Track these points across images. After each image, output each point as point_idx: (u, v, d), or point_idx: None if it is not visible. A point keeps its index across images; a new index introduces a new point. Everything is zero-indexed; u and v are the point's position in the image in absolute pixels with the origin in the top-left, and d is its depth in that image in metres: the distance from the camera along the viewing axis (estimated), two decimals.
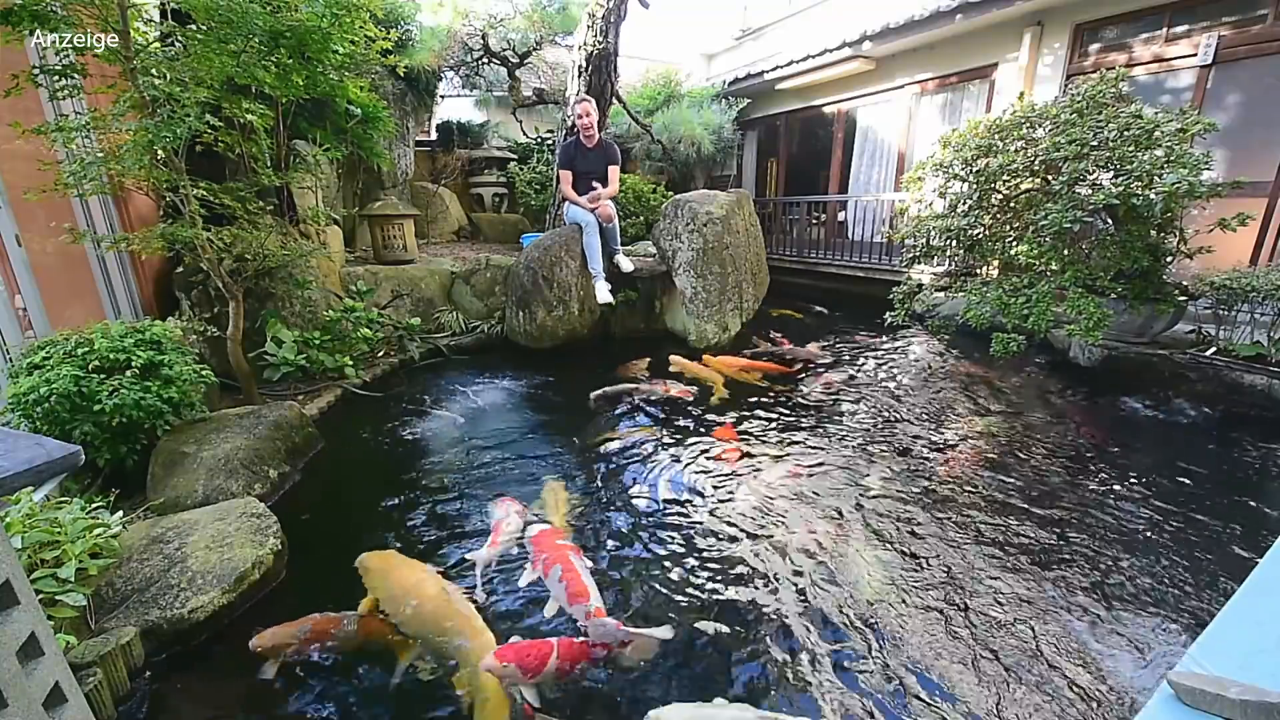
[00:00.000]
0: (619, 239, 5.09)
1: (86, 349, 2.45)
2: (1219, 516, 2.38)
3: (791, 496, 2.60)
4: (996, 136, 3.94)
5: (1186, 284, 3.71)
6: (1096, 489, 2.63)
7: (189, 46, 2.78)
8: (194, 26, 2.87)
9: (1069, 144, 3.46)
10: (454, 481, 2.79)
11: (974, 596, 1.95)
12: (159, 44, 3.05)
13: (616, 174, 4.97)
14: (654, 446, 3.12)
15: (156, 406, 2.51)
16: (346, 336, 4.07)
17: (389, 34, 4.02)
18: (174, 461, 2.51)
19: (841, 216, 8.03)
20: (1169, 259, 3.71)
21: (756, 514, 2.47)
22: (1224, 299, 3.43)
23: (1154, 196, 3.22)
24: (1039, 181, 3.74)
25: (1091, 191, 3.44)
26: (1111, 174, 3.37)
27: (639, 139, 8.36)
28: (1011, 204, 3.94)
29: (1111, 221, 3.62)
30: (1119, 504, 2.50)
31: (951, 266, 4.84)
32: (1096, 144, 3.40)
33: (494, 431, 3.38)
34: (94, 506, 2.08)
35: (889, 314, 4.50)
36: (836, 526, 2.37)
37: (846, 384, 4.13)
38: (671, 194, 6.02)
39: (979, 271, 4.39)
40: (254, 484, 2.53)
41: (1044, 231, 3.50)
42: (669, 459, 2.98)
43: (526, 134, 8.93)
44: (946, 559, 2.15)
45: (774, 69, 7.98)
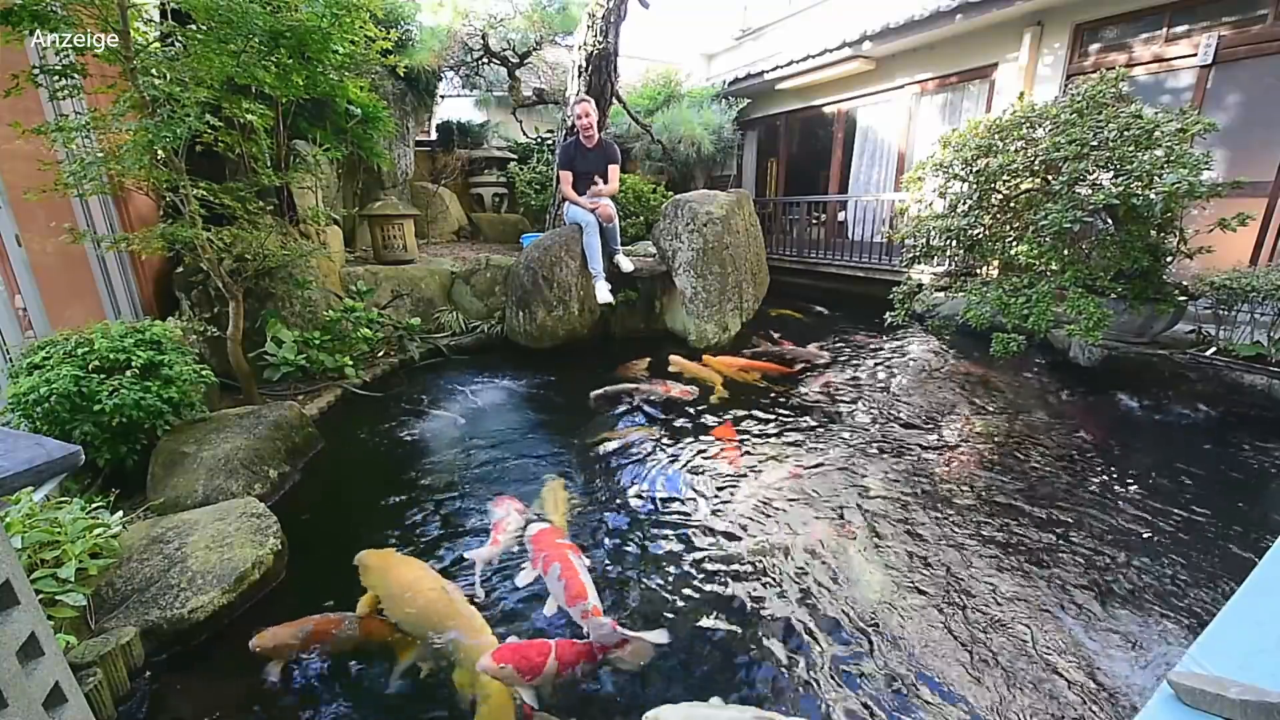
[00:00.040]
0: (619, 239, 5.09)
1: (86, 349, 2.45)
2: (1219, 516, 2.38)
3: (791, 496, 2.60)
4: (996, 136, 3.94)
5: (1186, 284, 3.71)
6: (1096, 489, 2.63)
7: (189, 46, 2.78)
8: (194, 26, 2.88)
9: (1069, 144, 3.46)
10: (454, 481, 2.79)
11: (974, 596, 1.95)
12: (159, 44, 3.05)
13: (616, 173, 4.97)
14: (654, 446, 3.12)
15: (156, 406, 2.51)
16: (346, 336, 4.07)
17: (389, 34, 4.02)
18: (174, 461, 2.51)
19: (841, 216, 8.03)
20: (1169, 259, 3.71)
21: (756, 514, 2.47)
22: (1224, 299, 3.43)
23: (1154, 196, 3.22)
24: (1039, 181, 3.74)
25: (1091, 191, 3.44)
26: (1111, 174, 3.37)
27: (639, 139, 8.35)
28: (1011, 204, 3.94)
29: (1111, 221, 3.62)
30: (1119, 504, 2.50)
31: (951, 266, 4.83)
32: (1096, 144, 3.40)
33: (494, 431, 3.38)
34: (94, 506, 2.08)
35: (889, 314, 4.50)
36: (836, 526, 2.37)
37: (846, 384, 4.13)
38: (671, 194, 6.02)
39: (979, 271, 4.39)
40: (254, 484, 2.53)
41: (1044, 231, 3.50)
42: (668, 458, 2.98)
43: (526, 134, 8.92)
44: (946, 559, 2.15)
45: (774, 69, 7.98)
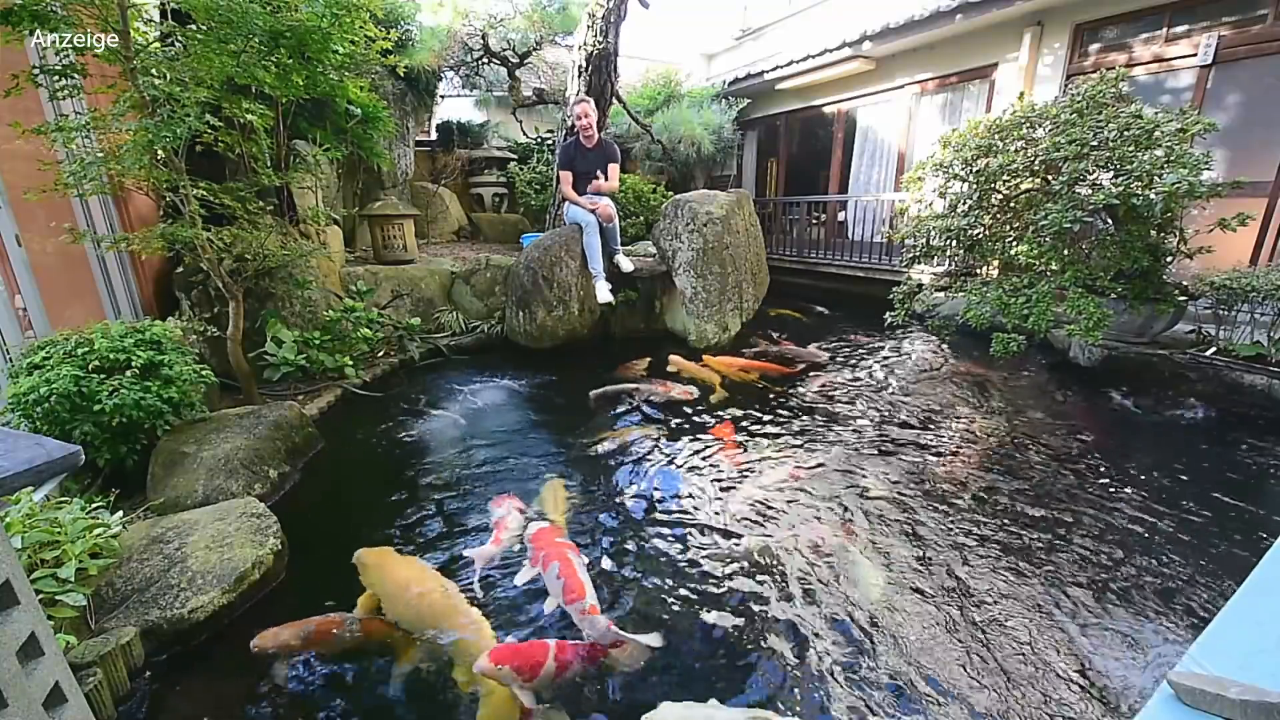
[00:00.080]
0: (619, 239, 5.09)
1: (86, 349, 2.45)
2: (1219, 516, 2.38)
3: (791, 497, 2.60)
4: (996, 136, 3.94)
5: (1186, 284, 3.71)
6: (1096, 489, 2.63)
7: (189, 46, 2.78)
8: (194, 26, 2.88)
9: (1069, 144, 3.46)
10: (454, 480, 2.79)
11: (973, 596, 1.95)
12: (159, 44, 3.05)
13: (616, 171, 4.97)
14: (653, 446, 3.12)
15: (156, 406, 2.51)
16: (346, 336, 4.07)
17: (389, 34, 4.02)
18: (174, 461, 2.51)
19: (841, 216, 8.03)
20: (1169, 259, 3.71)
21: (756, 513, 2.47)
22: (1224, 299, 3.43)
23: (1154, 196, 3.22)
24: (1039, 181, 3.74)
25: (1091, 191, 3.44)
26: (1111, 174, 3.38)
27: (639, 139, 8.35)
28: (1011, 204, 3.94)
29: (1111, 221, 3.62)
30: (1119, 504, 2.50)
31: (951, 266, 4.83)
32: (1096, 144, 3.40)
33: (494, 431, 3.38)
34: (94, 506, 2.08)
35: (889, 314, 4.50)
36: (836, 526, 2.37)
37: (846, 384, 4.13)
38: (671, 194, 6.02)
39: (979, 271, 4.39)
40: (254, 484, 2.53)
41: (1044, 231, 3.50)
42: (668, 458, 2.98)
43: (526, 134, 8.92)
44: (946, 558, 2.15)
45: (774, 69, 7.98)
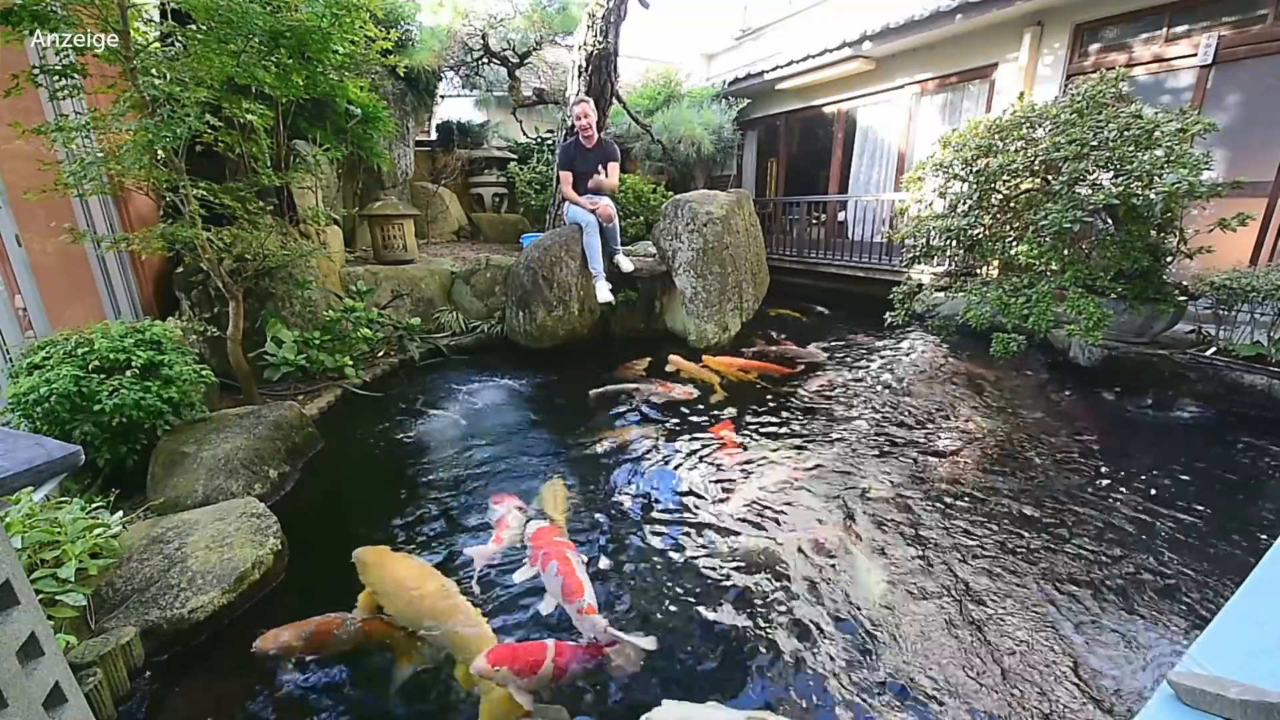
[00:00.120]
0: (619, 239, 5.09)
1: (86, 349, 2.45)
2: (1218, 516, 2.38)
3: (791, 496, 2.60)
4: (996, 136, 3.94)
5: (1186, 284, 3.71)
6: (1096, 489, 2.63)
7: (189, 46, 2.78)
8: (194, 26, 2.88)
9: (1069, 144, 3.46)
10: (454, 480, 2.79)
11: (973, 595, 1.95)
12: (159, 44, 3.05)
13: (616, 169, 4.97)
14: (652, 446, 3.12)
15: (156, 406, 2.51)
16: (346, 336, 4.07)
17: (389, 34, 4.02)
18: (174, 461, 2.51)
19: (841, 216, 8.03)
20: (1169, 259, 3.71)
21: (755, 514, 2.47)
22: (1224, 299, 3.43)
23: (1154, 196, 3.22)
24: (1039, 181, 3.74)
25: (1091, 191, 3.44)
26: (1111, 174, 3.38)
27: (639, 139, 8.35)
28: (1011, 204, 3.94)
29: (1111, 221, 3.62)
30: (1118, 504, 2.50)
31: (951, 266, 4.83)
32: (1096, 144, 3.40)
33: (494, 431, 3.38)
34: (94, 506, 2.08)
35: (889, 314, 4.50)
36: (836, 527, 2.37)
37: (846, 384, 4.13)
38: (671, 194, 6.02)
39: (979, 271, 4.39)
40: (254, 484, 2.53)
41: (1044, 231, 3.50)
42: (667, 458, 2.98)
43: (526, 134, 8.92)
44: (946, 559, 2.15)
45: (774, 69, 7.98)
